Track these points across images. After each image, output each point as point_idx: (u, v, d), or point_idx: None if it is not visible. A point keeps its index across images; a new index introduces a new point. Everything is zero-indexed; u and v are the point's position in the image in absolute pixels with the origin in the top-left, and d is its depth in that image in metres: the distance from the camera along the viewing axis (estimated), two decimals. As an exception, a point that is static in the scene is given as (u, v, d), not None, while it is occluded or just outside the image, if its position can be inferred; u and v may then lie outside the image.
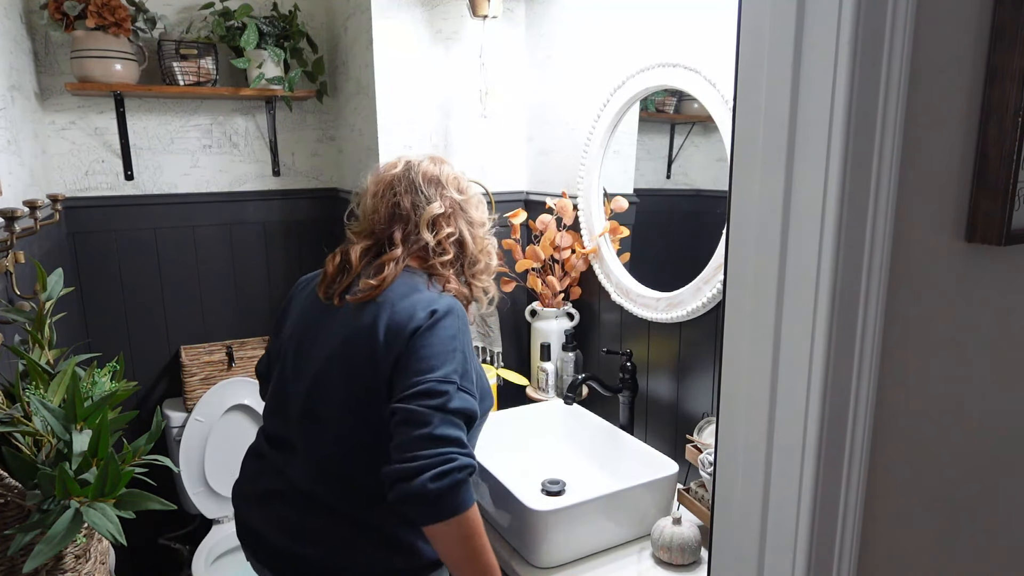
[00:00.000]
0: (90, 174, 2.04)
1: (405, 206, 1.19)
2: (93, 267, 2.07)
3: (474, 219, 1.25)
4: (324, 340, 1.15)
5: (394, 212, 1.20)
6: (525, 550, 1.27)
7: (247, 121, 2.22)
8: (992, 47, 0.68)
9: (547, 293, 1.81)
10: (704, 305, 1.40)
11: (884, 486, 0.71)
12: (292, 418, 1.16)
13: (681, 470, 1.38)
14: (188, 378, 2.07)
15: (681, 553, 1.23)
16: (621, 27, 1.60)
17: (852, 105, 0.58)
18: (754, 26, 0.63)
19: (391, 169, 1.24)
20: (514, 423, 1.68)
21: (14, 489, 0.90)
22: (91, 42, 1.84)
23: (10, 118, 1.56)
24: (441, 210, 1.20)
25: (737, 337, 0.69)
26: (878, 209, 0.61)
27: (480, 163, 1.97)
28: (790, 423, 0.65)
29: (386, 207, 1.20)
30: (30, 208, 1.26)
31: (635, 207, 1.65)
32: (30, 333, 1.08)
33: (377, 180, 1.24)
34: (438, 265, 1.19)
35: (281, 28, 2.06)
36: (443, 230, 1.20)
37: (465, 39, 1.88)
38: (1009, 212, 0.69)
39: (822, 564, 0.67)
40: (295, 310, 1.27)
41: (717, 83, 1.33)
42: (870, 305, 0.63)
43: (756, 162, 0.64)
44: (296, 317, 1.25)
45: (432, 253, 1.19)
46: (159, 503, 0.93)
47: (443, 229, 1.20)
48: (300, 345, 1.20)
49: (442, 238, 1.20)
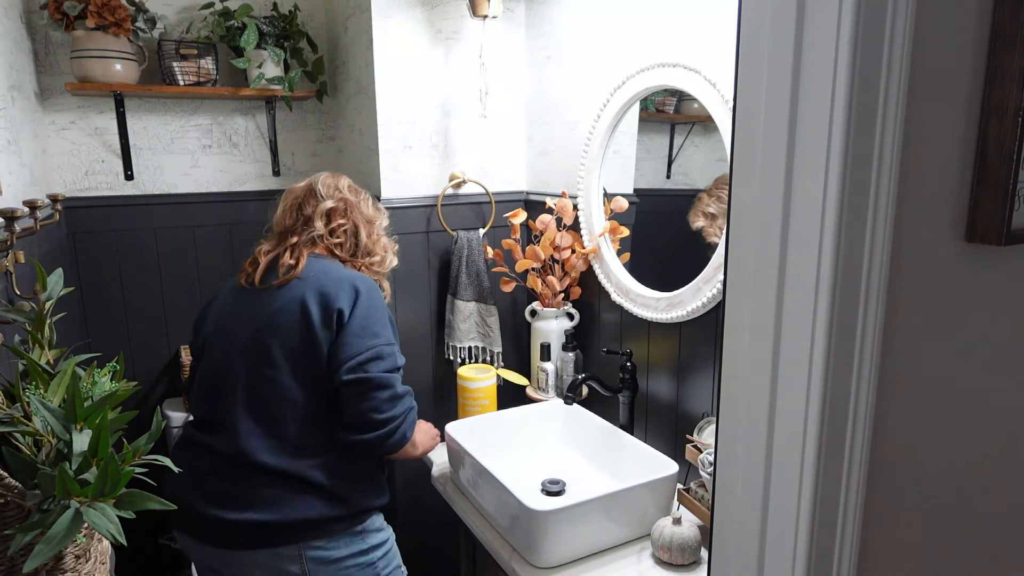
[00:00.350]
0: (90, 174, 2.04)
1: (306, 210, 1.41)
2: (93, 267, 2.07)
3: (367, 215, 1.45)
4: (251, 319, 1.31)
5: (296, 216, 1.41)
6: (525, 550, 1.27)
7: (247, 121, 2.22)
8: (992, 47, 0.68)
9: (547, 293, 1.81)
10: (704, 305, 1.40)
11: (884, 486, 0.71)
12: (228, 393, 1.29)
13: (681, 470, 1.38)
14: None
15: (681, 553, 1.23)
16: (621, 27, 1.60)
17: (852, 105, 0.58)
18: (754, 26, 0.63)
19: (297, 186, 1.46)
20: (514, 423, 1.68)
21: (14, 489, 0.90)
22: (91, 42, 1.84)
23: (10, 118, 1.56)
24: (333, 204, 1.41)
25: (737, 337, 0.69)
26: (878, 209, 0.61)
27: (480, 163, 1.97)
28: (790, 423, 0.65)
29: (290, 214, 1.42)
30: (30, 208, 1.26)
31: (635, 207, 1.65)
32: (30, 333, 1.08)
33: (285, 195, 1.46)
34: (335, 249, 1.40)
35: (281, 28, 2.06)
36: (335, 220, 1.41)
37: (465, 39, 1.88)
38: (1009, 212, 0.69)
39: (822, 564, 0.67)
40: (213, 311, 1.42)
41: (717, 83, 1.33)
42: (870, 305, 0.63)
43: (756, 162, 0.64)
44: (216, 313, 1.40)
45: (326, 239, 1.39)
46: (159, 503, 0.93)
47: (335, 220, 1.41)
48: (228, 329, 1.35)
49: (335, 226, 1.40)
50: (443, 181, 1.93)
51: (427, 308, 1.96)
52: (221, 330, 1.36)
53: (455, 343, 1.92)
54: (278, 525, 1.23)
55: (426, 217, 1.91)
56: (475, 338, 1.94)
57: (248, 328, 1.30)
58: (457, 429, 1.58)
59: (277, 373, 1.26)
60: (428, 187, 1.91)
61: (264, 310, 1.30)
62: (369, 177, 1.94)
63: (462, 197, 1.96)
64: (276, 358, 1.26)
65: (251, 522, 1.22)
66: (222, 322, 1.37)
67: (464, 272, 1.89)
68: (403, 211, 1.86)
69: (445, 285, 1.96)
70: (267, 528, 1.22)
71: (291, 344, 1.26)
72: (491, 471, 1.36)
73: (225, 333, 1.35)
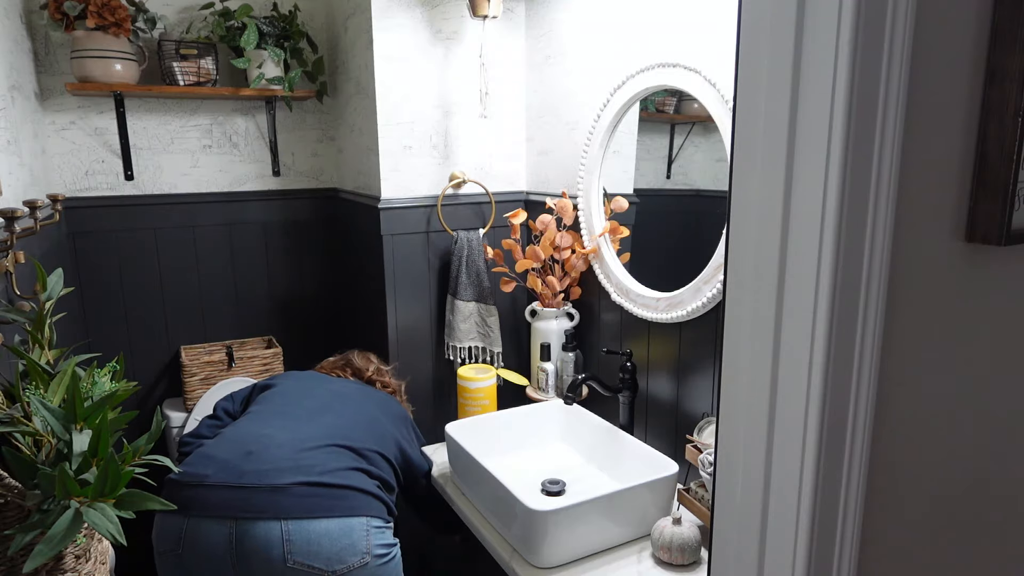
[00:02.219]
0: (90, 174, 2.04)
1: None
2: (93, 267, 2.07)
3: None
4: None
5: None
6: (525, 550, 1.27)
7: (247, 121, 2.22)
8: (992, 47, 0.68)
9: (547, 293, 1.81)
10: (704, 305, 1.40)
11: (884, 486, 0.71)
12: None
13: (681, 470, 1.38)
14: (188, 378, 2.07)
15: (681, 553, 1.23)
16: (621, 27, 1.60)
17: (852, 105, 0.58)
18: (754, 26, 0.63)
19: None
20: (514, 423, 1.68)
21: (14, 489, 0.90)
22: (91, 42, 1.84)
23: (10, 118, 1.56)
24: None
25: (737, 337, 0.69)
26: (878, 209, 0.61)
27: (480, 163, 1.97)
28: (790, 423, 0.65)
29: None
30: (30, 208, 1.26)
31: (635, 207, 1.65)
32: (30, 333, 1.08)
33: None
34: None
35: (281, 28, 2.06)
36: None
37: (465, 39, 1.88)
38: (1009, 212, 0.69)
39: (822, 564, 0.67)
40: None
41: (717, 83, 1.33)
42: (870, 305, 0.63)
43: (756, 162, 0.64)
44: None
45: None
46: (159, 503, 0.93)
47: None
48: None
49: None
50: (443, 181, 1.93)
51: (427, 308, 1.96)
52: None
53: (455, 343, 1.92)
54: (355, 491, 1.27)
55: (426, 217, 1.91)
56: (475, 338, 1.94)
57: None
58: (457, 429, 1.58)
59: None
60: (428, 187, 1.91)
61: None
62: (369, 177, 1.94)
63: (462, 197, 1.96)
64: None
65: (327, 485, 1.26)
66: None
67: (464, 272, 1.89)
68: (403, 211, 1.86)
69: (445, 285, 1.96)
70: (345, 493, 1.27)
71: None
72: (491, 471, 1.36)
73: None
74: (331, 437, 1.34)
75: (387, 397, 1.62)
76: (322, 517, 1.20)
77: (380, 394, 1.62)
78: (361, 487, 1.26)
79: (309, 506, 1.20)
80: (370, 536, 1.22)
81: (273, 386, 1.56)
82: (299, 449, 1.29)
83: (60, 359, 1.11)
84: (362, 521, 1.22)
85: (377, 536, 1.23)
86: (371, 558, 1.21)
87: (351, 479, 1.26)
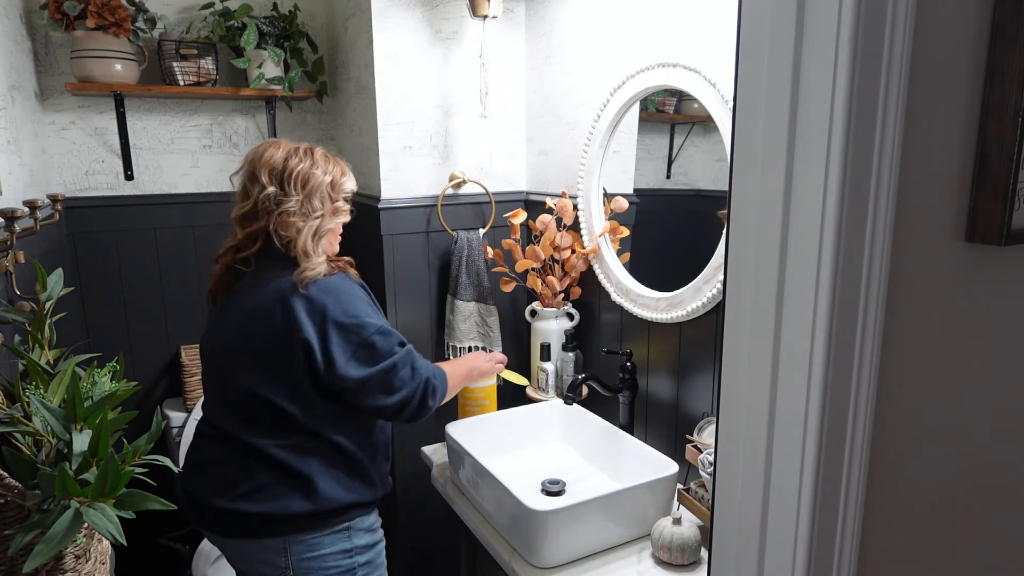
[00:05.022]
0: (90, 174, 2.04)
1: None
2: (93, 267, 2.07)
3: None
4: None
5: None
6: (525, 550, 1.27)
7: (247, 121, 2.22)
8: (992, 47, 0.68)
9: (547, 293, 1.81)
10: (704, 305, 1.40)
11: (884, 486, 0.71)
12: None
13: (681, 470, 1.38)
14: (188, 378, 2.07)
15: (681, 553, 1.23)
16: (621, 27, 1.60)
17: (852, 105, 0.58)
18: (754, 26, 0.63)
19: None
20: (514, 423, 1.68)
21: (14, 489, 0.90)
22: (91, 42, 1.84)
23: (10, 118, 1.56)
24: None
25: (737, 337, 0.69)
26: (878, 209, 0.61)
27: (480, 163, 1.97)
28: (790, 423, 0.65)
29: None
30: (30, 208, 1.26)
31: (635, 207, 1.65)
32: (30, 333, 1.08)
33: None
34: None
35: (281, 28, 2.06)
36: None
37: (465, 39, 1.88)
38: (1009, 212, 0.69)
39: (822, 564, 0.67)
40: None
41: (717, 83, 1.33)
42: (870, 305, 0.63)
43: (756, 162, 0.64)
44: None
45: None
46: (159, 503, 0.93)
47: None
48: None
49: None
50: (443, 181, 1.93)
51: (427, 308, 1.96)
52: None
53: (455, 343, 1.92)
54: (263, 517, 1.25)
55: (426, 217, 1.91)
56: (475, 338, 1.94)
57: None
58: (457, 429, 1.58)
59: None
60: (428, 187, 1.91)
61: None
62: (369, 177, 1.94)
63: (462, 197, 1.96)
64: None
65: (240, 512, 1.25)
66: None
67: (464, 272, 1.89)
68: (403, 211, 1.86)
69: (445, 285, 1.97)
70: (252, 519, 1.25)
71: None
72: (491, 471, 1.36)
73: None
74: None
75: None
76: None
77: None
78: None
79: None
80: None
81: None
82: None
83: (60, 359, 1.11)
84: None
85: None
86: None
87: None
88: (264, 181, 1.28)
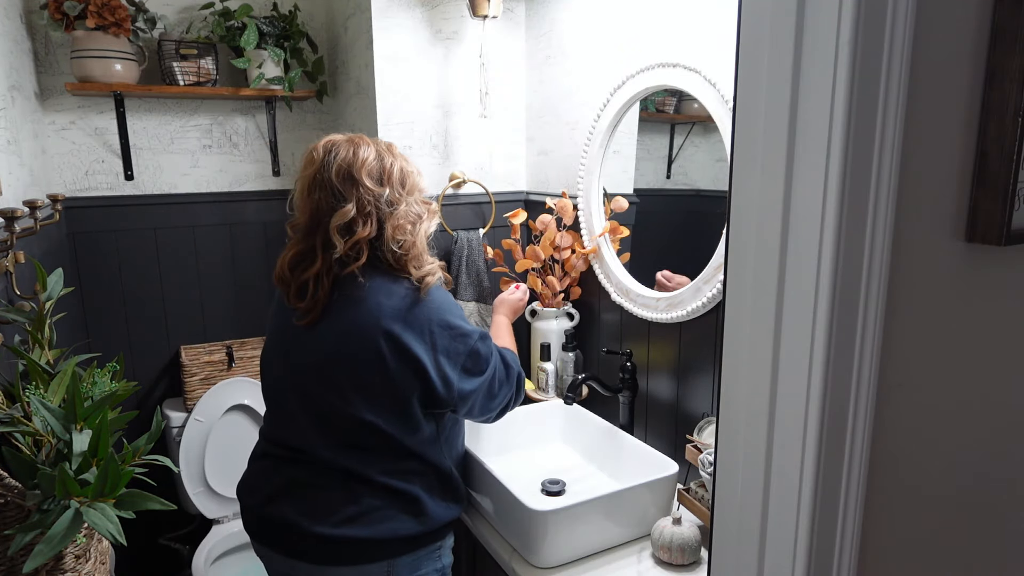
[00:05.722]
0: (90, 174, 2.04)
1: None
2: (93, 267, 2.06)
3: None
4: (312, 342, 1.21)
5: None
6: (525, 550, 1.27)
7: (247, 121, 2.22)
8: (992, 47, 0.68)
9: (547, 293, 1.81)
10: (704, 305, 1.40)
11: (884, 486, 0.71)
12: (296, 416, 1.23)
13: (681, 470, 1.38)
14: (188, 378, 2.07)
15: (681, 553, 1.23)
16: (621, 27, 1.60)
17: (852, 105, 0.58)
18: (754, 26, 0.63)
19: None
20: (514, 423, 1.68)
21: (14, 489, 0.90)
22: (91, 42, 1.84)
23: (10, 118, 1.56)
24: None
25: (737, 337, 0.69)
26: (878, 209, 0.61)
27: (480, 163, 1.97)
28: (790, 423, 0.65)
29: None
30: (30, 208, 1.26)
31: (635, 207, 1.65)
32: (30, 333, 1.08)
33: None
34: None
35: (281, 28, 2.06)
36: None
37: (465, 39, 1.88)
38: (1009, 212, 0.69)
39: (822, 564, 0.67)
40: (274, 314, 1.32)
41: (717, 83, 1.33)
42: (870, 305, 0.63)
43: (756, 162, 0.64)
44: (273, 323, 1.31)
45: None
46: (159, 503, 0.93)
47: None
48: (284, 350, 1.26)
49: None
50: (443, 181, 1.93)
51: (427, 308, 1.96)
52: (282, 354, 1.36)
53: (455, 343, 1.92)
54: (370, 542, 1.17)
55: (426, 217, 1.91)
56: (475, 338, 1.93)
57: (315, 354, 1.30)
58: (457, 429, 1.57)
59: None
60: (428, 187, 1.91)
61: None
62: (369, 177, 1.94)
63: (462, 197, 1.96)
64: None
65: (345, 538, 1.16)
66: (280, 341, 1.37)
67: (464, 272, 1.89)
68: (403, 211, 1.86)
69: (445, 285, 1.97)
70: (358, 545, 1.17)
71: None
72: (491, 471, 1.36)
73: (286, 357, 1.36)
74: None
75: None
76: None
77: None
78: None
79: None
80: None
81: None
82: None
83: (60, 359, 1.11)
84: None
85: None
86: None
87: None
88: (368, 184, 1.15)
